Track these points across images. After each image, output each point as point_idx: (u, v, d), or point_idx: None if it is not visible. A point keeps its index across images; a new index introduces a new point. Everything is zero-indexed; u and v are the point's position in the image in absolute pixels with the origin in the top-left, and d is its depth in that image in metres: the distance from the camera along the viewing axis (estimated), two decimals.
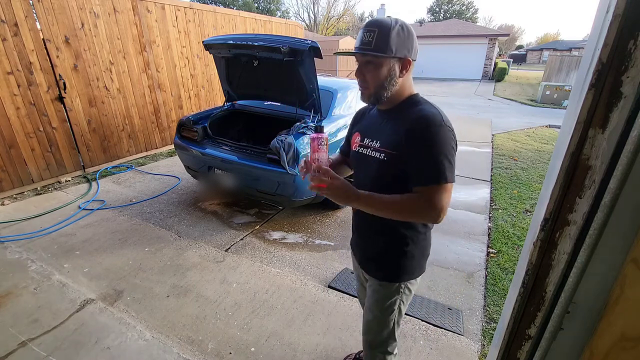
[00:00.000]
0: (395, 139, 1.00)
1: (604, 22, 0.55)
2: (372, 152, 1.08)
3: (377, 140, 1.07)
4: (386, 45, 0.94)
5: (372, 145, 1.08)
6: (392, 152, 1.01)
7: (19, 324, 1.96)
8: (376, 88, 1.01)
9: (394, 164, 1.01)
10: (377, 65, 0.97)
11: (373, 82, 1.00)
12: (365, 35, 0.95)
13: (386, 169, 1.04)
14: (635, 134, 0.48)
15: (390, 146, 1.02)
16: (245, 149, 3.05)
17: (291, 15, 38.14)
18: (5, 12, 3.29)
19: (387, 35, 0.93)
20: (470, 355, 1.83)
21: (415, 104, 1.03)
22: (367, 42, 0.95)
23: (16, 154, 3.55)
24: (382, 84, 0.99)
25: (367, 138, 1.12)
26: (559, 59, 15.70)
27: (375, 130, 1.10)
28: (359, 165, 1.18)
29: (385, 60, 0.96)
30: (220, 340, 1.90)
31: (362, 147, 1.13)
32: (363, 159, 1.11)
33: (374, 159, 1.06)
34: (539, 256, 0.64)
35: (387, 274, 1.17)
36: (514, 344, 0.73)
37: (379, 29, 0.94)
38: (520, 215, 3.38)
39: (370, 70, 0.98)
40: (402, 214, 0.98)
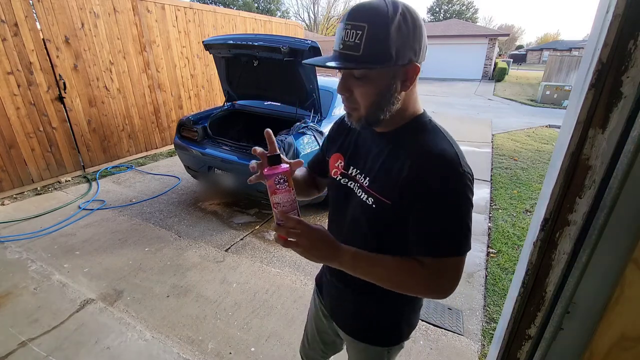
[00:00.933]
0: (391, 183, 0.71)
1: (604, 22, 0.55)
2: (358, 189, 0.79)
3: (365, 174, 0.78)
4: (383, 50, 0.62)
5: (359, 180, 0.79)
6: (384, 201, 0.72)
7: (19, 324, 1.96)
8: (369, 109, 0.69)
9: (386, 216, 0.73)
10: (369, 78, 0.66)
11: (365, 102, 0.69)
12: (347, 34, 0.63)
13: (374, 221, 0.76)
14: (635, 134, 0.48)
15: (382, 191, 0.73)
16: (245, 149, 3.05)
17: (291, 15, 38.18)
18: (5, 12, 3.28)
19: (384, 33, 0.61)
20: (470, 355, 1.83)
21: (424, 131, 0.73)
22: (351, 44, 0.63)
23: (16, 154, 3.55)
24: (377, 104, 0.68)
25: (352, 166, 0.82)
26: (559, 59, 15.70)
27: (364, 158, 0.80)
28: (338, 199, 0.87)
29: (382, 71, 0.65)
30: (220, 340, 1.90)
31: (346, 178, 0.83)
32: (345, 193, 0.83)
33: (359, 200, 0.78)
34: (539, 256, 0.64)
35: (374, 336, 0.91)
36: (514, 344, 0.73)
37: (369, 24, 0.61)
38: (520, 215, 3.38)
39: (360, 86, 0.67)
40: (401, 286, 0.71)
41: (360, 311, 0.92)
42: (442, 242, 0.68)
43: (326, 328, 1.09)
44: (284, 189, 0.70)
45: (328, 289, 1.00)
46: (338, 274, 0.91)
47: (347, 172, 0.84)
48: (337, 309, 0.98)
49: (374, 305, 0.88)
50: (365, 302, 0.89)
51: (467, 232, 0.69)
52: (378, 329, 0.90)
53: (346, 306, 0.94)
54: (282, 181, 0.69)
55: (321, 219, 3.29)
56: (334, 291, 0.97)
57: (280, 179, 0.69)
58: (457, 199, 0.66)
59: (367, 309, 0.90)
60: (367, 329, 0.92)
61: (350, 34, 0.62)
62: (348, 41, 0.63)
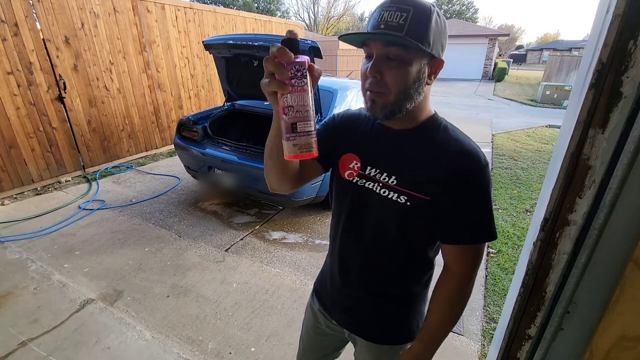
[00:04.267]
0: (427, 180, 0.73)
1: (604, 22, 0.55)
2: (383, 190, 0.77)
3: (390, 173, 0.76)
4: (424, 33, 0.64)
5: (383, 181, 0.77)
6: (420, 197, 0.73)
7: (19, 324, 1.96)
8: (399, 95, 0.68)
9: (421, 212, 0.74)
10: (404, 61, 0.66)
11: (396, 86, 0.67)
12: (391, 15, 0.63)
13: (409, 218, 0.76)
14: (635, 134, 0.48)
15: (417, 188, 0.73)
16: (245, 149, 3.05)
17: (291, 15, 38.17)
18: (5, 12, 3.28)
19: (426, 19, 0.64)
20: (470, 355, 1.83)
21: (445, 129, 0.76)
22: (395, 24, 0.63)
23: (16, 154, 3.55)
24: (407, 90, 0.68)
25: (371, 167, 0.79)
26: (559, 59, 15.70)
27: (385, 158, 0.78)
28: (355, 203, 0.83)
29: (417, 55, 0.66)
30: (220, 340, 1.90)
31: (365, 179, 0.80)
32: (365, 196, 0.80)
33: (387, 200, 0.76)
34: (539, 256, 0.64)
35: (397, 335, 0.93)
36: (514, 344, 0.73)
37: (415, 8, 0.63)
38: (520, 215, 3.38)
39: (395, 67, 0.66)
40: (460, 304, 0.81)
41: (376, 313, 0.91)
42: (478, 229, 0.74)
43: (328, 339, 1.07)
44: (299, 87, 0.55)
45: (339, 297, 0.96)
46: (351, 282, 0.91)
47: (364, 173, 0.80)
48: (350, 315, 0.95)
49: (390, 306, 0.90)
50: (381, 305, 0.90)
51: (493, 218, 0.75)
52: (395, 328, 0.92)
53: (361, 311, 0.93)
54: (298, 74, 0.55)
55: (321, 219, 3.29)
56: (347, 298, 0.94)
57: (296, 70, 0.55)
58: (488, 188, 0.73)
59: (382, 311, 0.91)
60: (383, 330, 0.92)
61: (395, 15, 0.63)
62: (391, 21, 0.63)
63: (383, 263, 0.85)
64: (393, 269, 0.85)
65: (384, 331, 0.92)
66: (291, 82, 0.55)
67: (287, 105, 0.56)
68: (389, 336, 0.93)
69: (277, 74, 0.56)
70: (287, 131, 0.57)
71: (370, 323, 0.93)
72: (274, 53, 0.55)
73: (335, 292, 0.96)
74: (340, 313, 0.97)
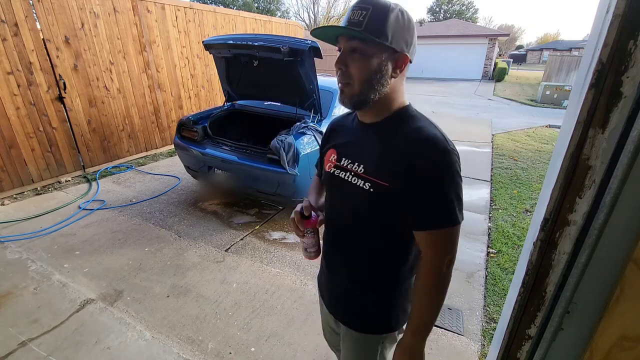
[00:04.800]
0: (388, 166, 0.78)
1: (604, 22, 0.55)
2: (354, 178, 0.84)
3: (359, 163, 0.83)
4: (381, 28, 0.72)
5: (353, 169, 0.84)
6: (382, 184, 0.78)
7: (19, 324, 1.96)
8: (362, 85, 0.76)
9: (384, 199, 0.79)
10: (365, 54, 0.74)
11: (359, 77, 0.75)
12: (354, 13, 0.73)
13: (373, 205, 0.81)
14: (635, 134, 0.48)
15: (380, 175, 0.79)
16: (245, 149, 3.05)
17: (291, 15, 38.17)
18: (5, 12, 3.28)
19: (383, 16, 0.72)
20: (470, 355, 1.83)
21: (411, 119, 0.80)
22: (356, 21, 0.72)
23: (16, 154, 3.55)
24: (369, 81, 0.76)
25: (345, 158, 0.87)
26: (559, 59, 15.70)
27: (357, 149, 0.86)
28: (334, 192, 0.94)
29: (377, 48, 0.73)
30: (220, 340, 1.90)
31: (339, 170, 0.88)
32: (340, 185, 0.88)
33: (356, 187, 0.83)
34: (539, 256, 0.64)
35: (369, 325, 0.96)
36: (514, 344, 0.73)
37: (374, 6, 0.72)
38: (520, 215, 3.38)
39: (356, 60, 0.75)
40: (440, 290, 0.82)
41: (356, 302, 0.96)
42: (438, 215, 0.76)
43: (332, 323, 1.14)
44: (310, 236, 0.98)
45: (327, 285, 1.05)
46: (335, 269, 0.99)
47: (339, 164, 0.89)
48: (335, 302, 1.03)
49: (370, 295, 0.93)
50: (361, 293, 0.94)
51: (460, 203, 0.77)
52: (374, 317, 0.94)
53: (343, 298, 0.99)
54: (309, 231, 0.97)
55: None
56: (332, 285, 1.02)
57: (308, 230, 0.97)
58: (452, 175, 0.74)
59: (363, 299, 0.94)
60: (363, 318, 0.96)
61: (356, 14, 0.73)
62: (353, 19, 0.73)
63: (361, 250, 0.90)
64: (370, 257, 0.90)
65: (363, 320, 0.96)
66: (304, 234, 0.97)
67: (302, 241, 1.00)
68: (368, 325, 0.96)
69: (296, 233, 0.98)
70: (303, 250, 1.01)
71: (351, 311, 0.98)
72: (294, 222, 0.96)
73: (325, 280, 1.06)
74: (329, 300, 1.06)
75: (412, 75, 21.41)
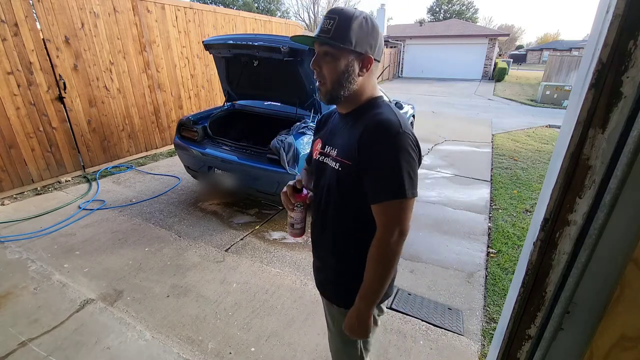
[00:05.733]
0: (349, 147, 0.91)
1: (604, 22, 0.55)
2: (330, 160, 0.97)
3: (334, 147, 0.97)
4: (345, 35, 0.84)
5: (331, 154, 0.98)
6: (345, 162, 0.91)
7: (19, 324, 1.96)
8: (333, 84, 0.90)
9: (348, 175, 0.91)
10: (334, 57, 0.87)
11: (329, 77, 0.89)
12: (325, 22, 0.86)
13: (340, 181, 0.94)
14: (635, 134, 0.48)
15: (344, 154, 0.92)
16: (245, 149, 3.05)
17: (291, 15, 38.16)
18: (5, 12, 3.28)
19: (347, 24, 0.84)
20: (470, 355, 1.83)
21: (375, 107, 0.93)
22: (325, 30, 0.85)
23: (16, 154, 3.55)
24: (338, 80, 0.89)
25: (327, 145, 1.01)
26: (559, 59, 15.71)
27: (334, 137, 1.00)
28: (319, 175, 1.06)
29: (343, 52, 0.86)
30: (220, 340, 1.90)
31: (322, 155, 1.02)
32: (322, 168, 1.02)
33: (330, 168, 0.97)
34: (539, 256, 0.64)
35: (345, 299, 1.02)
36: (514, 344, 0.73)
37: (339, 16, 0.85)
38: (520, 215, 3.38)
39: (328, 62, 0.88)
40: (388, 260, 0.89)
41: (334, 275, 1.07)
42: (385, 188, 0.85)
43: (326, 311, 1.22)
44: (299, 211, 1.06)
45: (315, 262, 1.18)
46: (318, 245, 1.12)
47: (323, 151, 1.02)
48: (320, 277, 1.15)
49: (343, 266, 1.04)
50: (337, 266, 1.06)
51: (410, 179, 0.84)
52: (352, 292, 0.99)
53: (324, 271, 1.12)
54: (298, 205, 1.05)
55: None
56: (317, 262, 1.15)
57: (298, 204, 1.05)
58: (397, 152, 0.83)
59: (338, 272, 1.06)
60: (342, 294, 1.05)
61: (326, 23, 0.86)
62: (324, 27, 0.86)
63: (336, 224, 1.01)
64: (342, 229, 1.01)
65: (338, 294, 1.08)
66: (294, 208, 1.06)
67: (290, 215, 1.08)
68: (341, 299, 1.06)
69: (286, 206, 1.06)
70: (289, 224, 1.10)
71: (329, 283, 1.11)
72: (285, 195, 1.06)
73: (312, 256, 1.19)
74: (315, 274, 1.19)
75: (412, 75, 21.43)
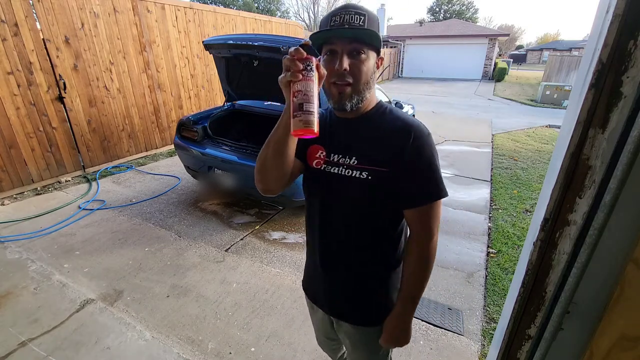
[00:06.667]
0: (381, 154, 0.84)
1: (604, 22, 0.55)
2: (348, 170, 0.87)
3: (351, 156, 0.87)
4: (377, 33, 0.79)
5: (346, 163, 0.88)
6: (380, 169, 0.84)
7: (19, 324, 1.96)
8: (363, 85, 0.81)
9: (383, 184, 0.84)
10: (367, 57, 0.80)
11: (361, 77, 0.80)
12: (352, 17, 0.77)
13: (373, 191, 0.86)
14: (635, 134, 0.48)
15: (376, 162, 0.84)
16: (245, 149, 3.05)
17: (291, 15, 38.17)
18: (5, 12, 3.28)
19: (377, 23, 0.80)
20: (470, 355, 1.83)
21: (390, 111, 0.89)
22: (357, 24, 0.77)
23: (16, 154, 3.55)
24: (368, 81, 0.82)
25: (334, 153, 0.90)
26: (559, 59, 15.71)
27: (345, 143, 0.89)
28: (325, 187, 0.93)
29: (371, 50, 0.81)
30: (220, 340, 1.90)
31: (330, 165, 0.90)
32: (331, 180, 0.90)
33: (350, 179, 0.86)
34: (539, 256, 0.64)
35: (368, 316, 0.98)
36: (514, 344, 0.73)
37: (368, 14, 0.78)
38: (520, 215, 3.38)
39: (360, 61, 0.79)
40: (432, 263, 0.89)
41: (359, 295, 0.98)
42: (429, 189, 0.84)
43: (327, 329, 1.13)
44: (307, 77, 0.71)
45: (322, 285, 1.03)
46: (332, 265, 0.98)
47: (330, 160, 0.91)
48: (335, 300, 1.02)
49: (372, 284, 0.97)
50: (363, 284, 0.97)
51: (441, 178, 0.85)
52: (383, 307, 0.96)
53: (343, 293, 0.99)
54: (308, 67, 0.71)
55: None
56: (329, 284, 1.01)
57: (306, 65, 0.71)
58: (434, 154, 0.84)
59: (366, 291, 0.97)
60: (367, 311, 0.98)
61: (355, 17, 0.77)
62: (353, 22, 0.77)
63: (359, 238, 0.93)
64: (368, 243, 0.93)
65: (367, 313, 0.98)
66: (302, 72, 0.70)
67: (296, 89, 0.70)
68: (372, 317, 0.98)
69: (291, 67, 0.70)
70: (295, 110, 0.69)
71: (353, 306, 0.99)
72: (291, 52, 0.70)
73: (319, 281, 1.04)
74: (326, 301, 1.05)
75: (412, 76, 21.41)
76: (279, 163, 0.83)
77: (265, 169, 0.86)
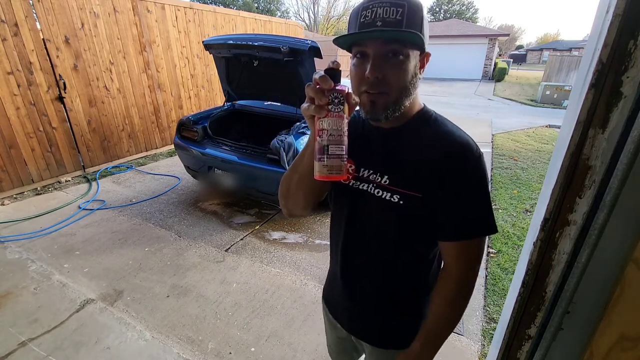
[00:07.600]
0: (420, 175, 0.71)
1: (604, 22, 0.55)
2: (377, 190, 0.75)
3: (383, 173, 0.74)
4: (420, 27, 0.64)
5: (376, 181, 0.75)
6: (413, 194, 0.70)
7: (19, 324, 1.96)
8: (400, 92, 0.67)
9: (416, 211, 0.72)
10: (405, 57, 0.64)
11: (397, 84, 0.66)
12: (386, 11, 0.61)
13: (402, 218, 0.74)
14: (635, 134, 0.48)
15: (409, 185, 0.71)
16: (245, 149, 3.05)
17: (291, 15, 38.19)
18: (5, 12, 3.28)
19: (420, 13, 0.63)
20: (470, 355, 1.83)
21: (434, 122, 0.74)
22: (392, 20, 0.61)
23: (16, 154, 3.55)
24: (407, 87, 0.67)
25: (365, 168, 0.78)
26: (559, 59, 15.70)
27: (377, 158, 0.76)
28: (353, 204, 0.81)
29: (412, 50, 0.65)
30: (220, 340, 1.90)
31: (359, 181, 0.78)
32: (361, 197, 0.78)
33: (380, 200, 0.74)
34: (539, 256, 0.64)
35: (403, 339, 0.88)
36: (514, 344, 0.73)
37: (408, 4, 0.61)
38: (520, 215, 3.38)
39: (397, 64, 0.64)
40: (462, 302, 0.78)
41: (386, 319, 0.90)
42: (479, 223, 0.71)
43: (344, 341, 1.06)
44: (335, 113, 0.58)
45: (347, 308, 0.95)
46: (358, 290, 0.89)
47: (359, 175, 0.78)
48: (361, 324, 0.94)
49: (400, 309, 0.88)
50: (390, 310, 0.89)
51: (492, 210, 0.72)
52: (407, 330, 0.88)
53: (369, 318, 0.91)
54: (336, 101, 0.57)
55: (321, 219, 3.29)
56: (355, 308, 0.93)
57: (334, 97, 0.57)
58: (483, 180, 0.70)
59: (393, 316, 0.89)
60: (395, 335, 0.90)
61: (391, 11, 0.61)
62: (388, 17, 0.61)
63: (386, 264, 0.82)
64: (396, 270, 0.83)
65: (389, 335, 0.91)
66: (328, 107, 0.58)
67: (321, 128, 0.59)
68: (395, 340, 0.90)
69: (316, 99, 0.58)
70: (319, 152, 0.60)
71: (375, 327, 0.91)
72: (316, 79, 0.58)
73: (340, 298, 0.95)
74: (346, 319, 0.96)
75: None
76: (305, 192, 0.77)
77: (289, 195, 0.79)
